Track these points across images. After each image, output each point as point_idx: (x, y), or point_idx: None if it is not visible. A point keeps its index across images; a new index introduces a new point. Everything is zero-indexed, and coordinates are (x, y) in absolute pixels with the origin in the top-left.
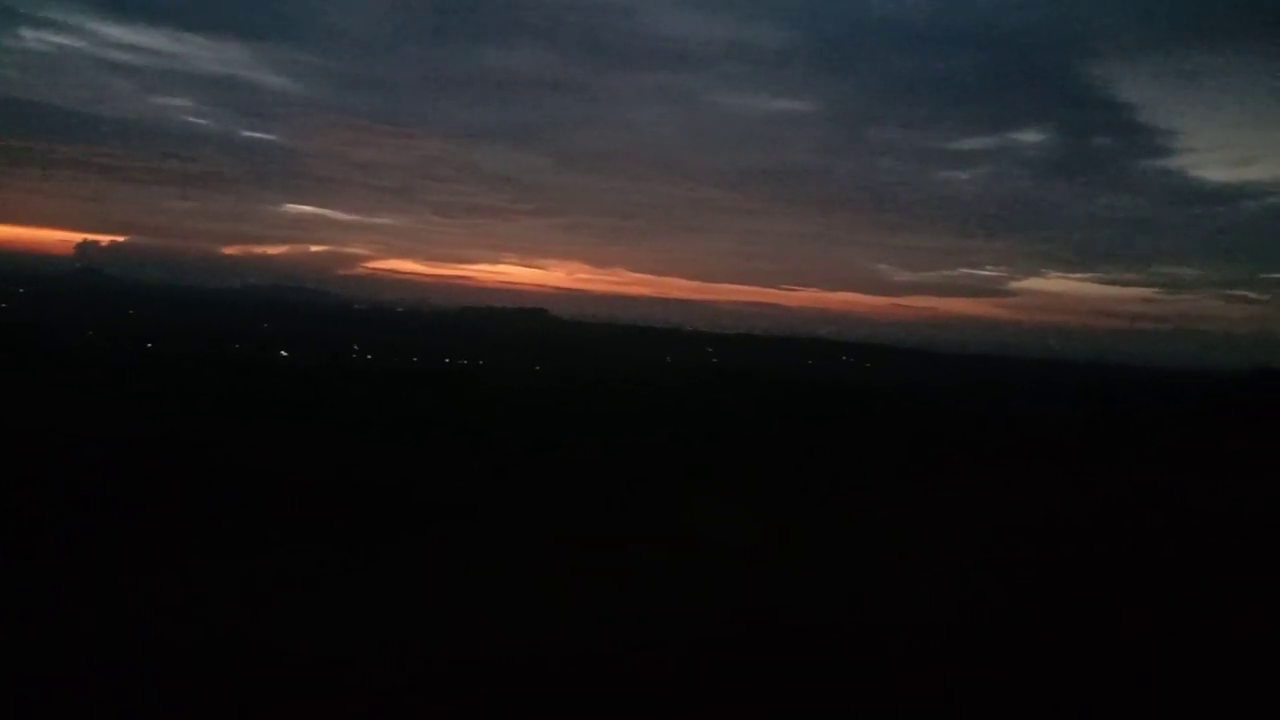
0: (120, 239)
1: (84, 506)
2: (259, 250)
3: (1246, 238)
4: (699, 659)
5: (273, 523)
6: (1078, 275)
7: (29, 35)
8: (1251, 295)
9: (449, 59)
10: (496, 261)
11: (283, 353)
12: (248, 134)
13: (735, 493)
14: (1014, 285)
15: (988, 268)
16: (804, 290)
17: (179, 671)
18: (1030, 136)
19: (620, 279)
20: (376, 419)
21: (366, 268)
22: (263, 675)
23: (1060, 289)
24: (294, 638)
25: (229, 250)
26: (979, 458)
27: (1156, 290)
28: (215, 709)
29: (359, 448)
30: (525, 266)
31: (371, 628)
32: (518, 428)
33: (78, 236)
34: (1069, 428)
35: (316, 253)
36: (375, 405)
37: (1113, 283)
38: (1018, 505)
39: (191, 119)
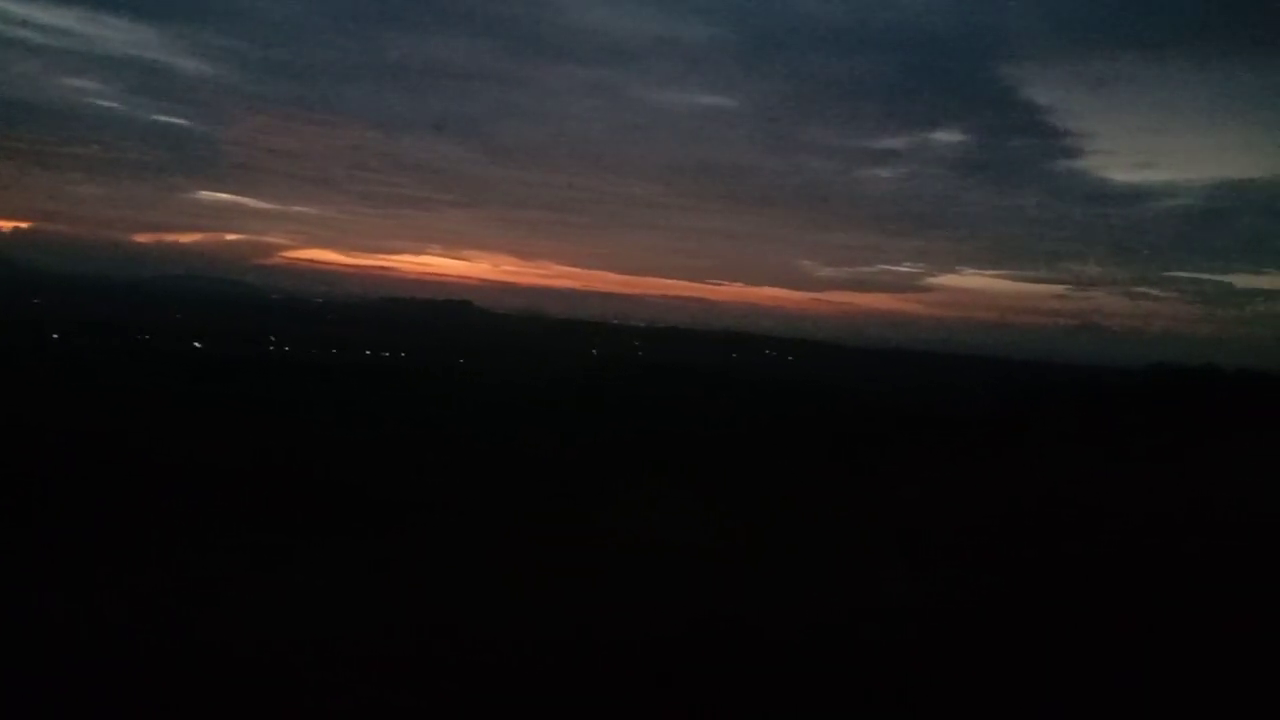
0: (24, 225)
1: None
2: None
3: (1149, 237)
4: (647, 652)
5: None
6: (991, 272)
7: None
8: (1155, 293)
9: (372, 47)
10: (420, 253)
11: (196, 344)
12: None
13: (655, 486)
14: (931, 282)
15: (906, 264)
16: (729, 285)
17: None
18: (948, 136)
19: (547, 272)
20: (292, 411)
21: (284, 257)
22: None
23: (975, 285)
24: (232, 633)
25: (140, 238)
26: (893, 449)
27: (1066, 287)
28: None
29: (271, 440)
30: (449, 258)
31: (318, 622)
32: (440, 421)
33: None
34: (978, 421)
35: (232, 242)
36: (291, 397)
37: (1025, 280)
38: (921, 496)
39: (101, 102)
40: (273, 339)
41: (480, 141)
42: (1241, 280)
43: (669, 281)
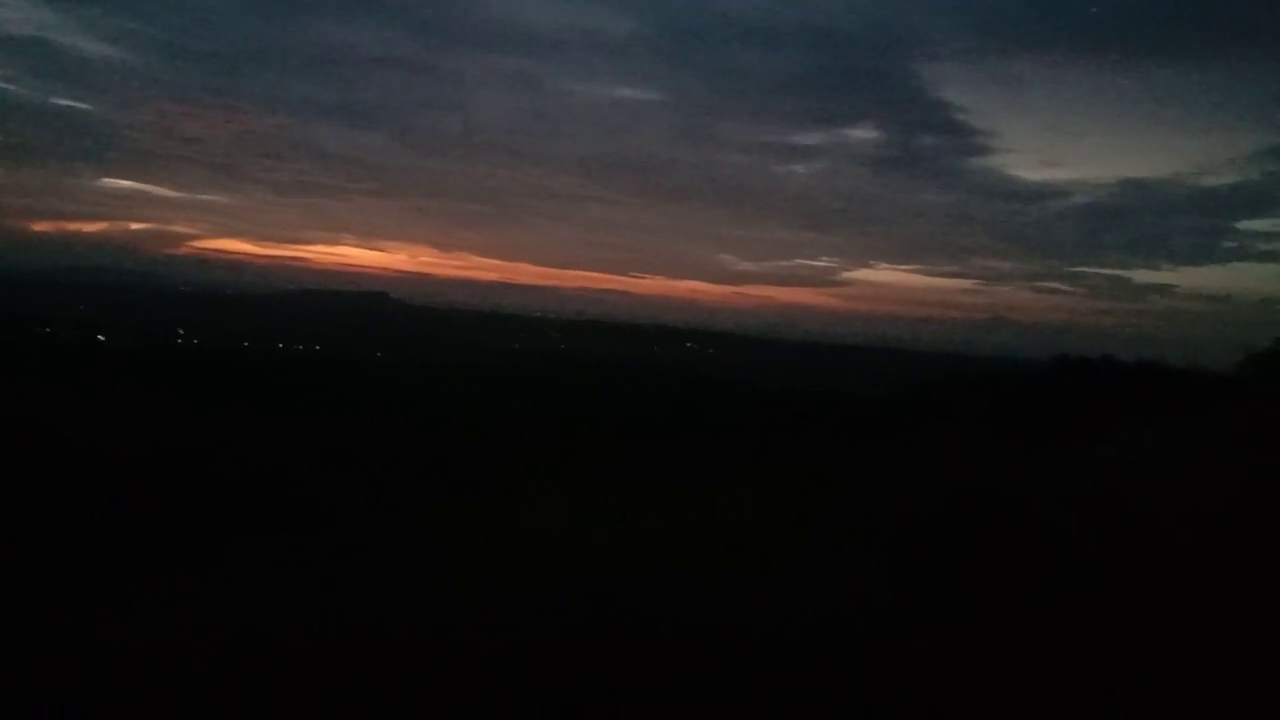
0: None
1: None
2: (73, 228)
3: (1054, 233)
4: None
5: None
6: (904, 267)
7: None
8: (1060, 287)
9: (284, 32)
10: (334, 243)
11: (99, 337)
12: (61, 102)
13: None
14: (846, 276)
15: (822, 259)
16: (650, 278)
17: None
18: (863, 133)
19: (466, 263)
20: (201, 406)
21: (193, 247)
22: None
23: (888, 280)
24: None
25: (39, 227)
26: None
27: (975, 282)
28: None
29: (177, 436)
30: (365, 249)
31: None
32: (354, 415)
33: None
34: (891, 411)
35: (138, 231)
36: (199, 392)
37: (936, 274)
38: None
39: None
40: (181, 332)
41: (396, 130)
42: (1140, 276)
43: (590, 274)
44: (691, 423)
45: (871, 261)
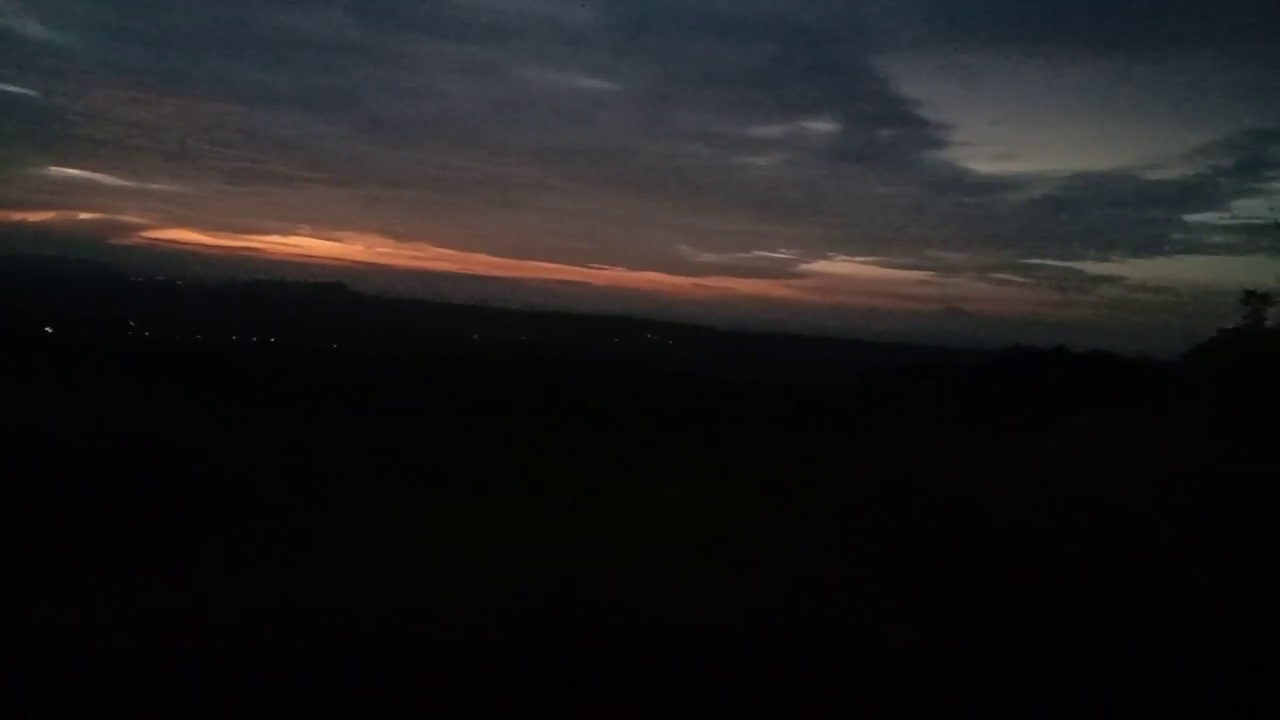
0: None
1: None
2: (19, 217)
3: (1009, 226)
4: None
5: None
6: (861, 259)
7: None
8: (1013, 279)
9: (237, 17)
10: (289, 233)
11: (47, 329)
12: (5, 88)
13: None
14: (804, 267)
15: (781, 250)
16: (610, 269)
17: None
18: (821, 125)
19: (424, 254)
20: (153, 397)
21: (144, 237)
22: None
23: (846, 271)
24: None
25: None
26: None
27: (931, 274)
28: None
29: (123, 427)
30: (321, 239)
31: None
32: (309, 406)
33: None
34: (847, 401)
35: (86, 220)
36: (148, 384)
37: (892, 266)
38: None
39: None
40: (132, 323)
41: (351, 118)
42: (1091, 267)
43: (549, 265)
44: (650, 413)
45: (829, 253)
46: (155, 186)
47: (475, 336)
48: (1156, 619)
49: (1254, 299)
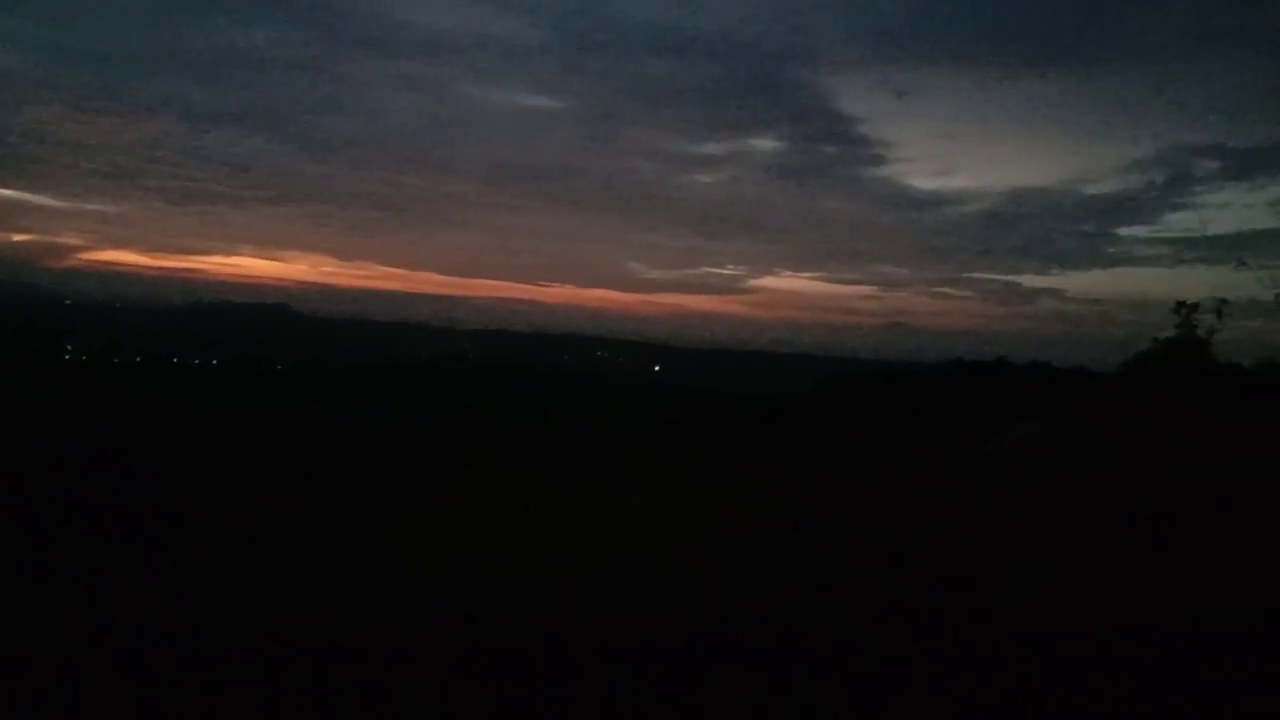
0: None
1: None
2: None
3: (949, 240)
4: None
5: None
6: (807, 274)
7: None
8: (954, 292)
9: (176, 34)
10: (231, 253)
11: None
12: None
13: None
14: (751, 283)
15: (729, 266)
16: (559, 286)
17: None
18: (765, 143)
19: (369, 273)
20: (86, 417)
21: (80, 259)
22: None
23: (792, 287)
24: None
25: None
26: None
27: (874, 288)
28: None
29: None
30: (264, 259)
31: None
32: (253, 421)
33: None
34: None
35: (20, 242)
36: (86, 405)
37: (837, 281)
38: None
39: None
40: (69, 347)
41: (294, 137)
42: (1030, 280)
43: (498, 282)
44: (602, 422)
45: (775, 269)
46: (92, 207)
47: (423, 355)
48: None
49: (1184, 309)
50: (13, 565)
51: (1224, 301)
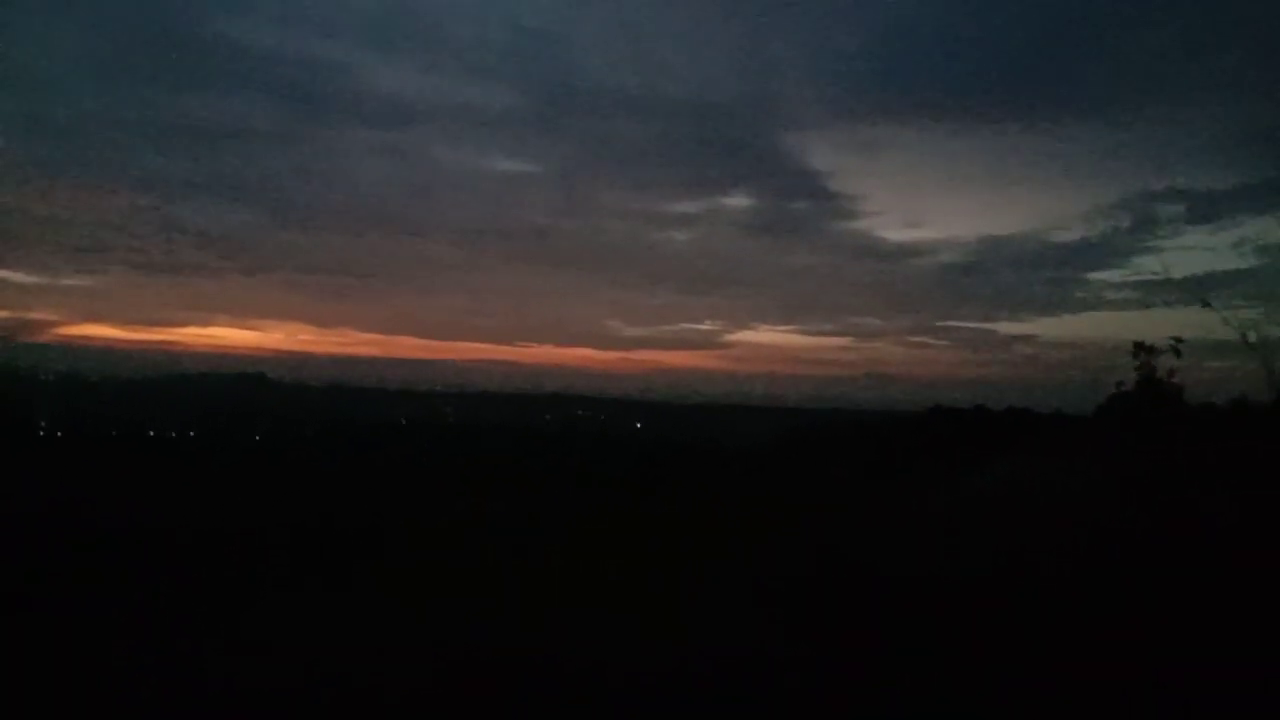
0: None
1: None
2: None
3: (922, 290)
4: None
5: None
6: (783, 327)
7: None
8: (930, 341)
9: (146, 106)
10: (207, 324)
11: None
12: None
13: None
14: (729, 338)
15: (706, 322)
16: (538, 346)
17: None
18: (737, 200)
19: (347, 339)
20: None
21: (54, 334)
22: None
23: (769, 340)
24: None
25: None
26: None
27: (850, 339)
28: None
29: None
30: (240, 329)
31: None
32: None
33: None
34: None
35: None
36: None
37: (813, 333)
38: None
39: None
40: (43, 424)
41: (268, 205)
42: (1003, 327)
43: (476, 345)
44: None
45: (752, 323)
46: (67, 282)
47: (402, 420)
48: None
49: (1143, 351)
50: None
51: (1180, 340)
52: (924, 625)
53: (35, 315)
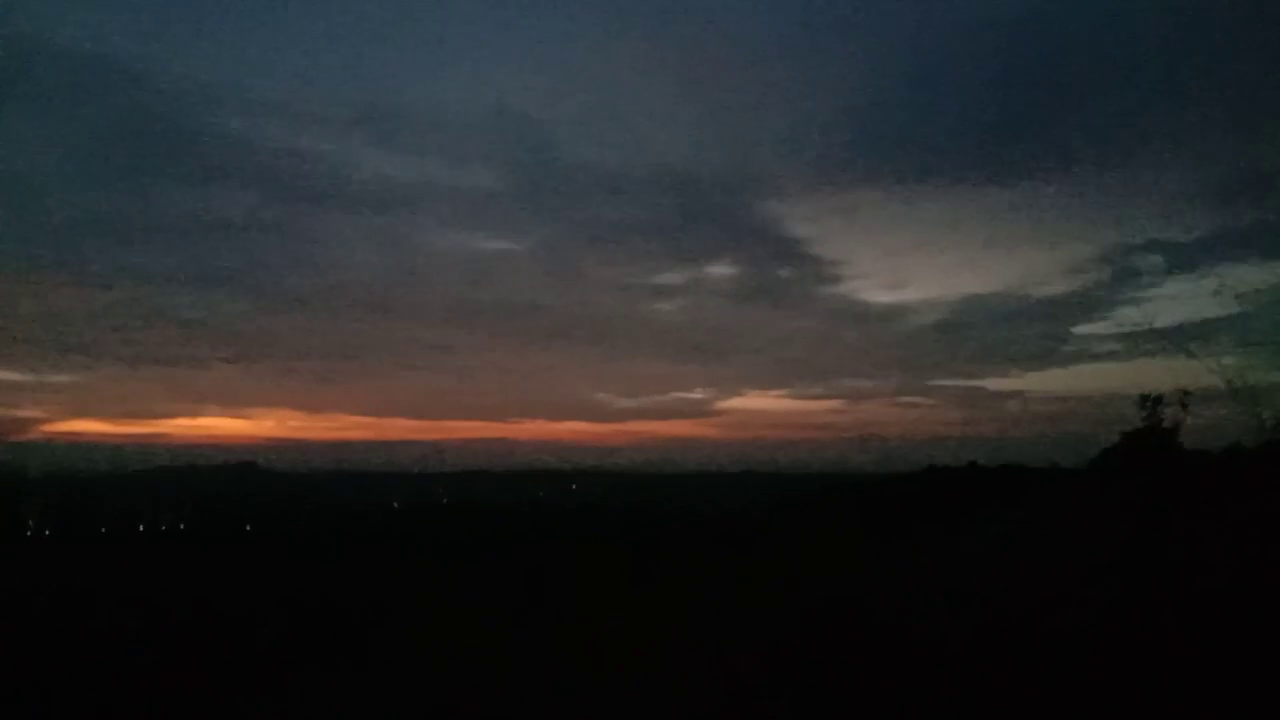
0: None
1: None
2: None
3: (910, 350)
4: None
5: None
6: (774, 393)
7: None
8: (920, 401)
9: (133, 201)
10: (197, 415)
11: None
12: None
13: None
14: (720, 405)
15: (696, 390)
16: (530, 422)
17: None
18: (722, 270)
19: (338, 424)
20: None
21: (43, 431)
22: None
23: (760, 406)
24: None
25: None
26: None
27: (841, 401)
28: None
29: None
30: (230, 418)
31: None
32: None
33: None
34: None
35: None
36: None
37: (803, 397)
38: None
39: None
40: (31, 523)
41: (255, 293)
42: (993, 384)
43: (468, 423)
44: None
45: (742, 390)
46: (54, 378)
47: (395, 504)
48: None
49: (1149, 402)
50: None
51: (1187, 393)
52: (933, 686)
53: (22, 413)
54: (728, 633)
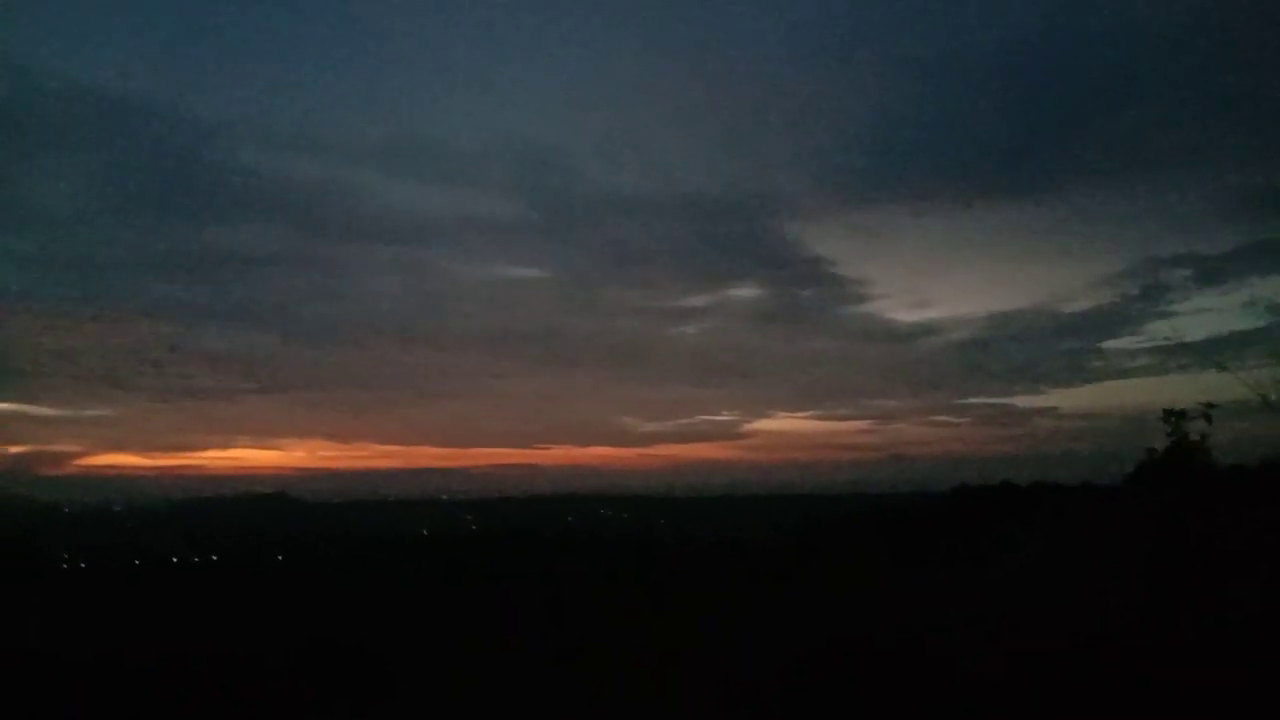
0: None
1: None
2: None
3: (937, 369)
4: None
5: None
6: (801, 414)
7: None
8: (950, 420)
9: (160, 238)
10: (227, 446)
11: None
12: None
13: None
14: (747, 428)
15: (723, 413)
16: (557, 448)
17: None
18: (745, 292)
19: (367, 453)
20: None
21: (77, 465)
22: None
23: (786, 428)
24: None
25: None
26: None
27: (869, 422)
28: None
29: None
30: (261, 449)
31: None
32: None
33: None
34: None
35: (16, 454)
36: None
37: (830, 418)
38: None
39: None
40: (66, 555)
41: (284, 326)
42: (1023, 401)
43: (495, 450)
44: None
45: (769, 411)
46: (87, 413)
47: (424, 531)
48: None
49: (1173, 417)
50: None
51: (1211, 405)
52: (967, 710)
53: (56, 447)
54: (753, 658)
